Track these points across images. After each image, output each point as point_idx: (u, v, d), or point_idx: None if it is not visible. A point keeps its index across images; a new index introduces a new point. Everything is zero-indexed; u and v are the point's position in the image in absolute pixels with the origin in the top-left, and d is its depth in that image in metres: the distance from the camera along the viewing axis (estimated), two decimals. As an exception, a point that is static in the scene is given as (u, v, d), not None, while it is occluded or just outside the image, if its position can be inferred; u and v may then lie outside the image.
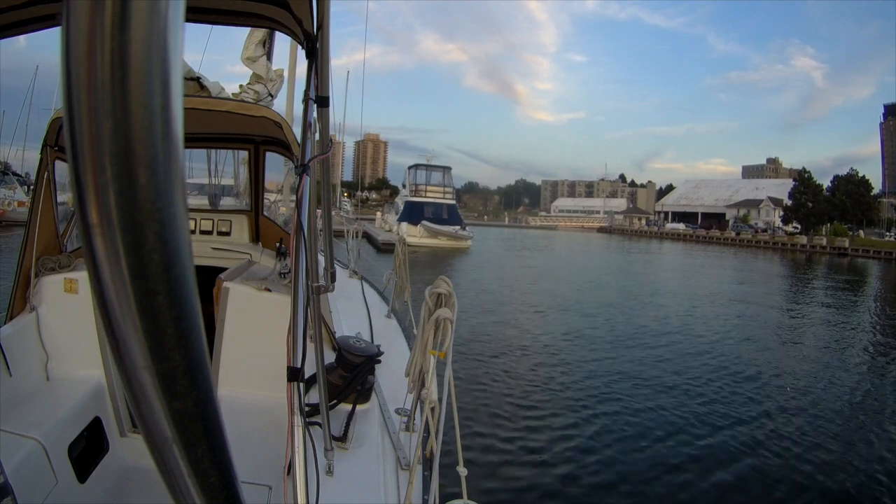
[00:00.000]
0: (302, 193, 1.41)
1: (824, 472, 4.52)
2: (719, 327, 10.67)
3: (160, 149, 0.32)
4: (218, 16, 1.67)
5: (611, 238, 57.59)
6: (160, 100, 0.31)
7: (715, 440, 5.06)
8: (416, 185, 31.52)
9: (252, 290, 2.42)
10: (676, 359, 7.94)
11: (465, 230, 28.90)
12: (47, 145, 2.41)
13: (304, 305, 1.31)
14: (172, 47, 0.31)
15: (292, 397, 1.24)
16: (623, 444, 4.89)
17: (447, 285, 1.81)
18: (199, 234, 3.35)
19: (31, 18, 1.53)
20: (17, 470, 1.71)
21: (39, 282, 2.41)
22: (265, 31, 3.08)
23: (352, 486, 1.66)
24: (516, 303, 12.27)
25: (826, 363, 8.23)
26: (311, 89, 1.53)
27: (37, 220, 2.39)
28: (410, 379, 1.89)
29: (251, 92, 3.06)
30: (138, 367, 0.36)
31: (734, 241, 52.43)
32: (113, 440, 2.35)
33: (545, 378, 6.68)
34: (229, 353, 2.37)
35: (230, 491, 0.45)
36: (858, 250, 43.17)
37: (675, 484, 4.22)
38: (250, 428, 2.08)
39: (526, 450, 4.64)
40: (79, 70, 0.30)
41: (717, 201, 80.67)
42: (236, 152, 5.09)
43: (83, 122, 0.30)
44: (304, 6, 1.50)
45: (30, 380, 2.24)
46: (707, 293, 15.83)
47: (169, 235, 0.33)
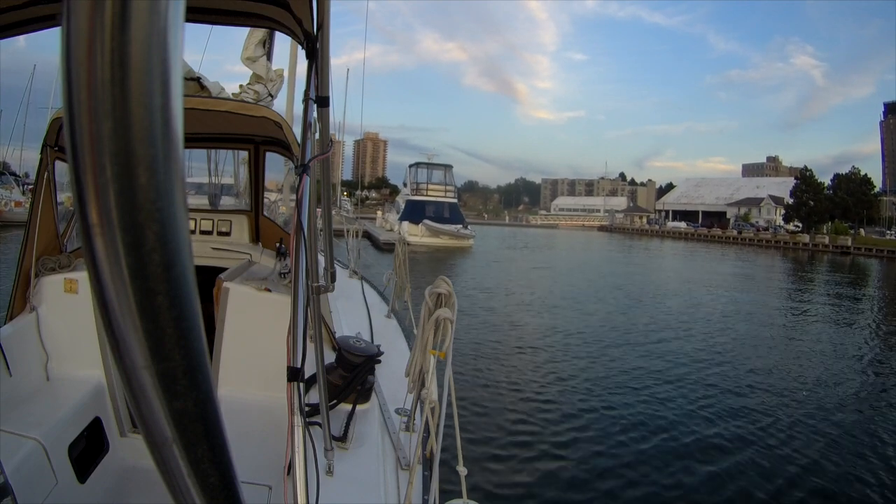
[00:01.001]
0: (302, 193, 1.41)
1: (841, 470, 4.53)
2: (730, 326, 10.59)
3: (160, 149, 0.32)
4: (218, 16, 1.67)
5: (612, 237, 57.48)
6: (160, 100, 0.31)
7: (716, 441, 5.05)
8: (418, 183, 31.18)
9: (252, 290, 2.42)
10: (682, 360, 7.91)
11: (467, 229, 28.65)
12: (47, 145, 2.41)
13: (304, 305, 1.31)
14: (172, 47, 0.31)
15: (292, 397, 1.24)
16: (624, 443, 4.89)
17: (447, 285, 1.81)
18: (199, 234, 3.35)
19: (31, 18, 1.53)
20: (17, 470, 1.71)
21: (39, 282, 2.41)
22: (265, 31, 3.08)
23: (352, 486, 1.66)
24: (524, 306, 12.13)
25: (841, 365, 8.14)
26: (311, 89, 1.53)
27: (37, 220, 2.39)
28: (410, 379, 1.89)
29: (251, 92, 3.06)
30: (138, 367, 0.36)
31: (736, 240, 52.15)
32: (113, 440, 2.35)
33: (546, 378, 6.69)
34: (229, 353, 2.37)
35: (230, 491, 0.45)
36: (861, 249, 42.90)
37: (676, 484, 4.22)
38: (250, 428, 2.08)
39: (526, 449, 4.64)
40: (79, 70, 0.30)
41: (717, 200, 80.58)
42: (236, 152, 5.09)
43: (83, 122, 0.30)
44: (304, 6, 1.50)
45: (30, 380, 2.24)
46: (714, 292, 15.76)
47: (169, 235, 0.33)
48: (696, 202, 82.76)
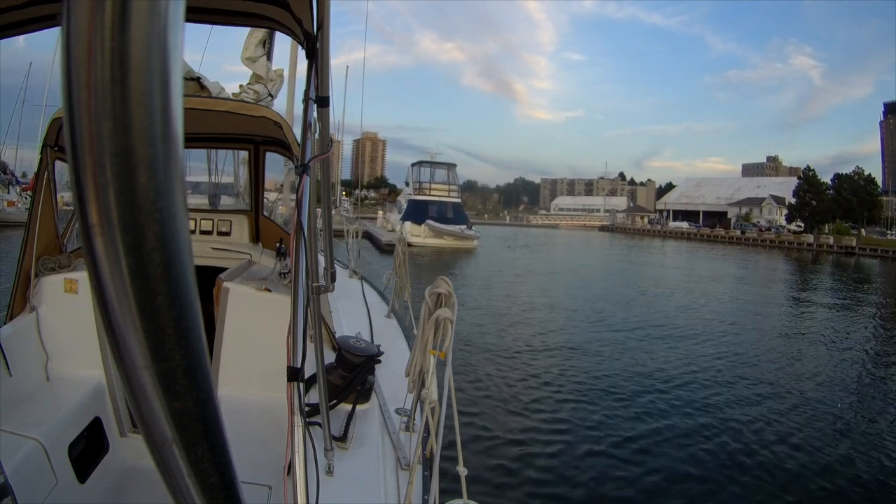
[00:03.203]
0: (302, 193, 1.41)
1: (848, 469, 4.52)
2: (743, 329, 10.50)
3: (160, 149, 0.32)
4: (218, 16, 1.67)
5: (614, 237, 57.33)
6: (160, 100, 0.31)
7: (718, 443, 5.05)
8: (420, 182, 30.46)
9: (252, 290, 2.43)
10: (688, 362, 7.85)
11: (471, 230, 27.92)
12: (47, 145, 2.41)
13: (304, 305, 1.31)
14: (172, 47, 0.31)
15: (292, 397, 1.24)
16: (624, 443, 4.89)
17: (447, 285, 1.81)
18: (199, 234, 3.35)
19: (31, 18, 1.53)
20: (17, 470, 1.71)
21: (39, 282, 2.42)
22: (265, 31, 3.08)
23: (352, 486, 1.66)
24: (530, 307, 11.93)
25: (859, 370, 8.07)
26: (311, 89, 1.53)
27: (37, 220, 2.40)
28: (410, 379, 1.89)
29: (251, 92, 3.06)
30: (138, 367, 0.36)
31: (740, 240, 51.98)
32: (113, 440, 2.35)
33: (546, 378, 6.69)
34: (229, 353, 2.38)
35: (230, 491, 0.45)
36: (866, 249, 42.74)
37: (677, 484, 4.22)
38: (250, 428, 2.08)
39: (526, 449, 4.64)
40: (79, 70, 0.30)
41: (718, 200, 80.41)
42: (236, 152, 5.09)
43: (83, 122, 0.30)
44: (304, 6, 1.51)
45: (30, 380, 2.24)
46: (724, 294, 15.66)
47: (169, 235, 0.33)
48: (696, 202, 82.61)
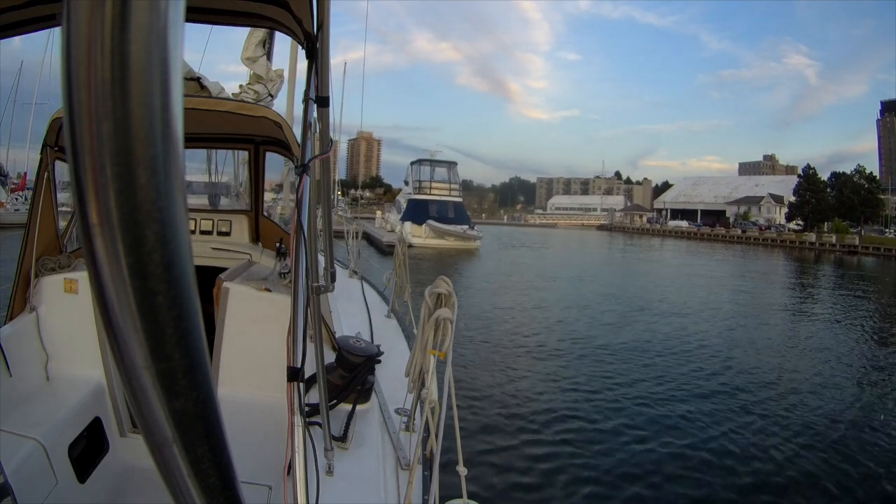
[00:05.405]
0: (302, 193, 1.41)
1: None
2: (753, 332, 10.42)
3: (160, 149, 0.32)
4: (218, 16, 1.67)
5: (613, 236, 57.19)
6: (160, 100, 0.31)
7: (718, 444, 5.05)
8: (420, 181, 29.47)
9: (252, 290, 2.43)
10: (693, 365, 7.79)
11: (473, 230, 26.99)
12: (47, 145, 2.41)
13: (304, 305, 1.31)
14: (172, 47, 0.31)
15: (292, 397, 1.24)
16: (624, 443, 4.89)
17: (447, 285, 1.81)
18: (199, 234, 3.35)
19: (31, 18, 1.53)
20: (17, 470, 1.71)
21: (39, 282, 2.41)
22: (265, 31, 3.08)
23: (352, 486, 1.66)
24: (533, 308, 11.81)
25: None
26: (311, 89, 1.53)
27: (37, 220, 2.40)
28: (410, 379, 1.89)
29: (251, 92, 3.06)
30: (138, 367, 0.36)
31: (740, 239, 51.80)
32: (113, 440, 2.35)
33: (546, 378, 6.69)
34: (229, 353, 2.38)
35: (230, 491, 0.45)
36: (869, 248, 42.51)
37: (677, 484, 4.22)
38: (250, 428, 2.08)
39: (526, 449, 4.64)
40: (79, 70, 0.30)
41: (716, 198, 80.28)
42: (236, 152, 5.10)
43: (83, 122, 0.30)
44: (304, 6, 1.51)
45: (30, 380, 2.24)
46: (732, 296, 15.58)
47: (169, 235, 0.33)
48: (694, 200, 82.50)
